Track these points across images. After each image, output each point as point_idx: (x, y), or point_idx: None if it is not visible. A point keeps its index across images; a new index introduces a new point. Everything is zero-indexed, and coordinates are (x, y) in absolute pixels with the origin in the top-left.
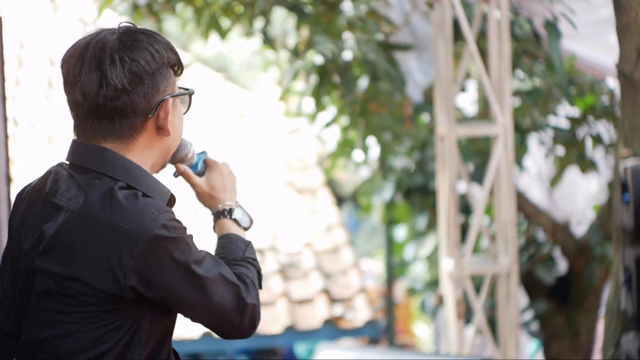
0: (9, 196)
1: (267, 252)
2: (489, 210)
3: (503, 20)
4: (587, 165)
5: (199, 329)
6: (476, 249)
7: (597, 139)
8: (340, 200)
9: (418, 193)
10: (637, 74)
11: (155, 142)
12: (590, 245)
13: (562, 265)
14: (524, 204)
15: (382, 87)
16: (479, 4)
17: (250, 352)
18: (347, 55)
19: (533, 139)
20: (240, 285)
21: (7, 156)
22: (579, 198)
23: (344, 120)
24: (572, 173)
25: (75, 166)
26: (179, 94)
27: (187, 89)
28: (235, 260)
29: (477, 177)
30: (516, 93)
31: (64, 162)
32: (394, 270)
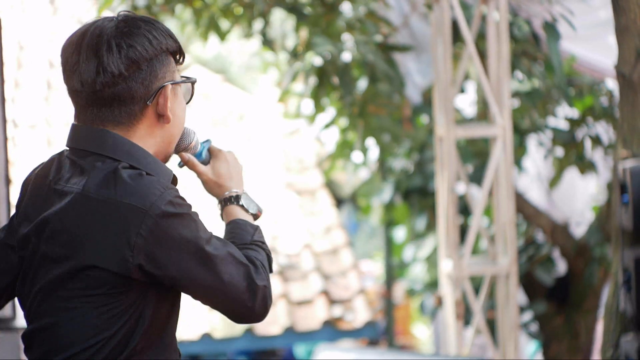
0: (9, 198)
1: None
2: (488, 211)
3: (502, 22)
4: (586, 167)
5: (198, 330)
6: (475, 250)
7: (596, 140)
8: (339, 202)
9: (417, 194)
10: (636, 75)
11: (157, 130)
12: (589, 246)
13: (561, 266)
14: (523, 205)
15: (381, 89)
16: (477, 5)
17: (249, 353)
18: (346, 56)
19: (532, 140)
20: (250, 266)
21: (7, 158)
22: (578, 199)
23: (343, 122)
24: (571, 174)
25: (77, 150)
26: (179, 82)
27: (188, 78)
28: (243, 244)
29: (476, 178)
30: (515, 94)
31: (65, 149)
32: (393, 271)
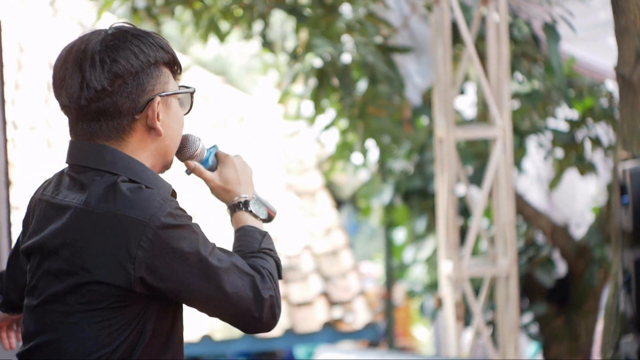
0: (9, 199)
1: None
2: (488, 212)
3: (502, 23)
4: (586, 168)
5: (198, 332)
6: (475, 252)
7: (596, 142)
8: (339, 203)
9: (417, 196)
10: (635, 77)
11: (149, 143)
12: (589, 247)
13: (561, 268)
14: (523, 206)
15: (381, 90)
16: (477, 6)
17: (249, 354)
18: (346, 58)
19: (532, 142)
20: (256, 276)
21: (6, 160)
22: (578, 200)
23: (343, 123)
24: (571, 175)
25: (76, 166)
26: (170, 94)
27: (187, 87)
28: (251, 252)
29: (476, 179)
30: (515, 96)
31: (65, 167)
32: (393, 272)
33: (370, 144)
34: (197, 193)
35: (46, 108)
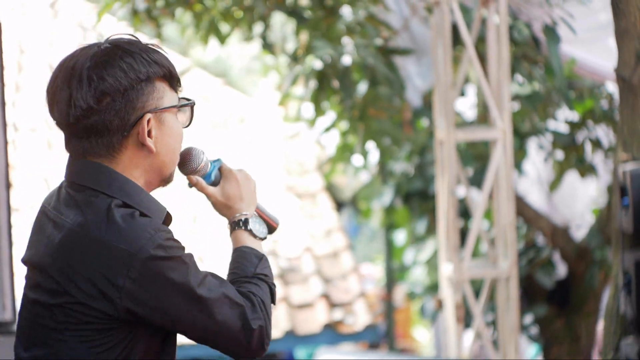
0: (9, 201)
1: (267, 256)
2: (488, 214)
3: (502, 25)
4: (587, 170)
5: None
6: (475, 253)
7: (596, 143)
8: (339, 205)
9: (417, 197)
10: (635, 78)
11: (141, 160)
12: (589, 249)
13: (561, 269)
14: (523, 208)
15: (381, 92)
16: (478, 8)
17: None
18: (346, 60)
19: (532, 143)
20: (246, 305)
21: (7, 161)
22: (579, 202)
23: (343, 125)
24: (572, 177)
25: (73, 184)
26: (162, 108)
27: (187, 100)
28: (245, 278)
29: (477, 181)
30: (515, 97)
31: (64, 181)
32: (394, 274)
33: (371, 145)
34: (197, 193)
35: (46, 110)
